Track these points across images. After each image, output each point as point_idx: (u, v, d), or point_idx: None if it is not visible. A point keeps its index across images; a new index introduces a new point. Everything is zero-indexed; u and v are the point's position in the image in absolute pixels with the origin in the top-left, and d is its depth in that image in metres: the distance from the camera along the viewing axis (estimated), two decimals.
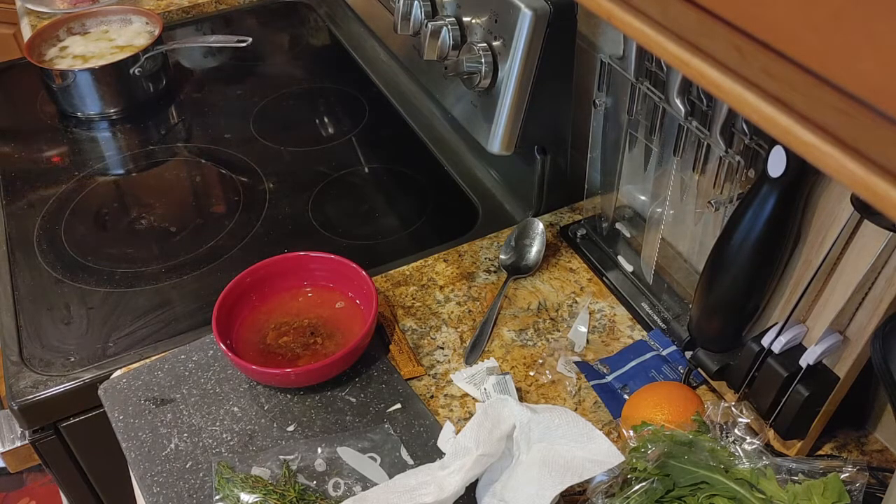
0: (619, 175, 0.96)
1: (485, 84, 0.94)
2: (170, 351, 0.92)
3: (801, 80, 0.32)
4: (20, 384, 0.93)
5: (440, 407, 0.86)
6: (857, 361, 0.72)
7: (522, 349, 0.92)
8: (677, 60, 0.40)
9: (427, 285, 1.00)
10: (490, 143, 0.96)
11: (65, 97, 1.38)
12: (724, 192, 0.79)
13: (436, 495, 0.70)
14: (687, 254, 0.92)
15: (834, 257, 0.70)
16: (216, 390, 0.88)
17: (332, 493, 0.78)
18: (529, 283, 1.00)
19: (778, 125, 0.35)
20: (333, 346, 0.90)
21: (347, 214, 1.18)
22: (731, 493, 0.66)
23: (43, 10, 1.57)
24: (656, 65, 0.83)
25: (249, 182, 1.24)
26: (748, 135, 0.75)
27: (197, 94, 1.49)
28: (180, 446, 0.82)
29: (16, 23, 1.88)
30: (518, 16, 0.88)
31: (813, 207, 0.72)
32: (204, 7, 1.68)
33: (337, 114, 1.42)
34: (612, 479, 0.71)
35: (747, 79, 0.36)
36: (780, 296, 0.78)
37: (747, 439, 0.70)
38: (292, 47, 1.65)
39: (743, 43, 0.35)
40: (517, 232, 1.04)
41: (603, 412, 0.86)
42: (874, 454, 0.81)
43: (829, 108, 0.32)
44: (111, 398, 0.88)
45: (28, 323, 1.01)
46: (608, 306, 0.97)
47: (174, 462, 0.81)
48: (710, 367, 0.83)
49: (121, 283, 1.07)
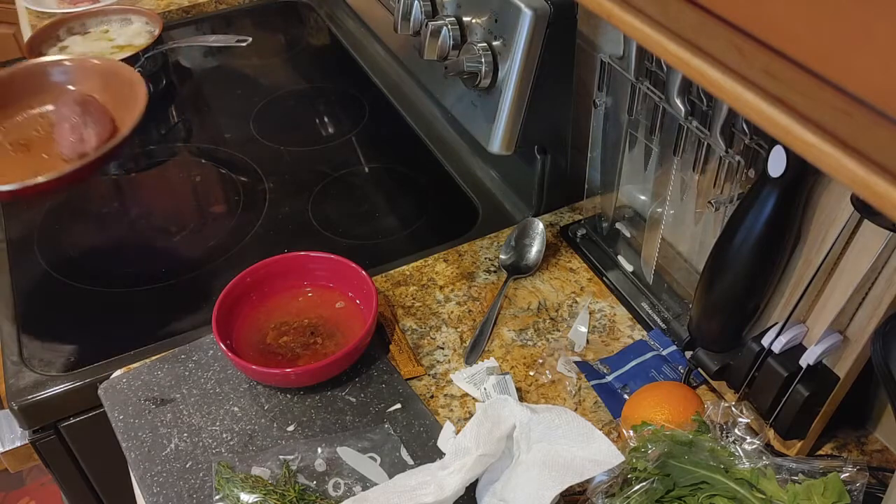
0: (619, 175, 0.96)
1: (485, 84, 0.94)
2: (170, 351, 0.92)
3: (801, 79, 0.32)
4: (20, 384, 0.93)
5: (440, 407, 0.86)
6: (857, 361, 0.72)
7: (522, 349, 0.92)
8: (677, 60, 0.40)
9: (427, 285, 1.00)
10: (490, 143, 0.96)
11: None
12: (724, 192, 0.79)
13: (436, 495, 0.70)
14: (687, 254, 0.92)
15: (834, 257, 0.70)
16: (216, 390, 0.88)
17: (332, 493, 0.78)
18: (529, 282, 1.00)
19: (778, 125, 0.35)
20: (333, 346, 0.90)
21: (347, 214, 1.18)
22: (732, 493, 0.66)
23: (43, 10, 1.57)
24: (656, 64, 0.83)
25: (249, 182, 1.24)
26: (748, 135, 0.75)
27: (197, 94, 1.49)
28: (180, 446, 0.82)
29: (16, 23, 1.88)
30: (518, 16, 0.88)
31: (813, 207, 0.72)
32: (204, 7, 1.68)
33: (337, 114, 1.42)
34: (612, 479, 0.71)
35: (747, 78, 0.36)
36: (780, 296, 0.78)
37: (747, 439, 0.70)
38: (292, 47, 1.65)
39: (743, 43, 0.35)
40: (517, 232, 1.04)
41: (603, 412, 0.86)
42: (874, 454, 0.81)
43: (829, 108, 0.32)
44: (111, 398, 0.88)
45: (28, 323, 1.01)
46: (608, 306, 0.97)
47: (174, 462, 0.81)
48: (710, 367, 0.83)
49: (121, 282, 1.07)
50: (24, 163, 1.10)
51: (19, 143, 1.12)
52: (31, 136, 1.14)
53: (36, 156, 1.11)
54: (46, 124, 1.15)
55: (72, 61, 1.20)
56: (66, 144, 1.08)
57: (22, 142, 1.12)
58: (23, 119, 1.15)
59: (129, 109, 1.10)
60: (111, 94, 1.15)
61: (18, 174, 1.02)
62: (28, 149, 1.12)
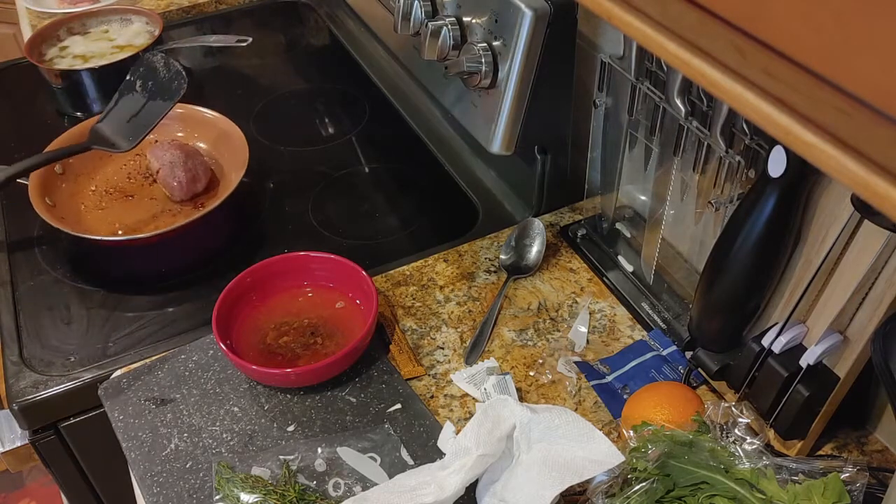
0: (619, 175, 0.96)
1: (485, 84, 0.94)
2: (170, 351, 0.92)
3: (801, 80, 0.32)
4: (20, 384, 0.93)
5: (440, 407, 0.86)
6: (858, 361, 0.72)
7: (522, 349, 0.92)
8: (677, 60, 0.39)
9: (427, 285, 1.00)
10: (490, 143, 0.96)
11: (65, 97, 1.38)
12: (724, 192, 0.79)
13: (436, 495, 0.70)
14: (687, 254, 0.92)
15: (834, 257, 0.70)
16: (216, 390, 0.88)
17: (332, 494, 0.78)
18: (529, 283, 1.00)
19: (778, 125, 0.35)
20: (333, 346, 0.90)
21: (347, 214, 1.18)
22: (732, 494, 0.66)
23: (43, 10, 1.57)
24: (656, 65, 0.83)
25: (249, 182, 1.24)
26: (748, 135, 0.75)
27: (197, 94, 1.49)
28: (180, 446, 0.82)
29: (16, 23, 1.88)
30: (518, 16, 0.88)
31: (813, 207, 0.72)
32: (204, 7, 1.68)
33: (337, 114, 1.42)
34: (612, 479, 0.71)
35: (747, 79, 0.36)
36: (780, 296, 0.78)
37: (747, 439, 0.70)
38: (292, 47, 1.65)
39: (743, 43, 0.35)
40: (517, 232, 1.04)
41: (603, 412, 0.86)
42: (874, 454, 0.81)
43: (829, 108, 0.32)
44: (111, 398, 0.88)
45: (28, 323, 1.01)
46: (608, 306, 0.97)
47: (174, 462, 0.81)
48: (711, 367, 0.83)
49: (121, 282, 1.07)
50: (137, 208, 1.15)
51: (121, 192, 1.16)
52: (128, 184, 1.18)
53: (143, 201, 1.16)
54: (136, 171, 1.19)
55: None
56: (177, 186, 1.12)
57: (123, 190, 1.16)
58: (113, 169, 1.18)
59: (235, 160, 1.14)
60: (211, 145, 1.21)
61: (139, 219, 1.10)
62: (132, 196, 1.16)
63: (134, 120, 0.95)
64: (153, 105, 0.94)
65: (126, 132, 0.96)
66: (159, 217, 1.12)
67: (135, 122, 0.95)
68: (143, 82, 0.94)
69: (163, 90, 0.92)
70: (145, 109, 0.95)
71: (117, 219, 1.12)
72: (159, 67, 0.90)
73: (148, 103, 0.92)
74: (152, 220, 1.12)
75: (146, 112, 0.96)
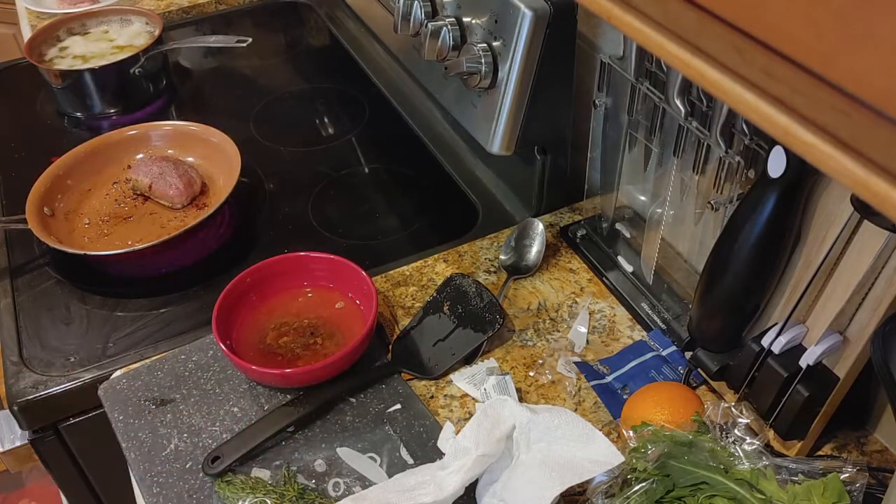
0: (619, 175, 0.96)
1: (485, 84, 0.94)
2: (170, 351, 0.92)
3: (801, 80, 0.32)
4: (20, 384, 0.93)
5: (440, 407, 0.86)
6: (857, 361, 0.72)
7: (522, 349, 0.92)
8: (677, 60, 0.40)
9: (427, 285, 1.00)
10: (490, 143, 0.96)
11: (65, 97, 1.38)
12: (724, 193, 0.79)
13: (435, 495, 0.70)
14: (687, 254, 0.92)
15: (834, 257, 0.70)
16: (216, 390, 0.88)
17: (331, 493, 0.78)
18: (529, 283, 1.00)
19: (777, 125, 0.35)
20: (333, 346, 0.90)
21: (347, 214, 1.18)
22: (731, 494, 0.66)
23: (43, 10, 1.57)
24: (656, 65, 0.83)
25: (249, 182, 1.24)
26: (748, 135, 0.75)
27: (197, 94, 1.49)
28: (180, 446, 0.82)
29: (16, 23, 1.88)
30: (518, 16, 0.88)
31: (813, 207, 0.72)
32: (204, 7, 1.68)
33: (337, 114, 1.42)
34: (612, 480, 0.71)
35: (747, 79, 0.36)
36: (780, 296, 0.78)
37: (747, 439, 0.70)
38: (292, 47, 1.65)
39: (743, 43, 0.35)
40: (517, 232, 1.04)
41: (603, 412, 0.86)
42: (874, 454, 0.81)
43: (829, 108, 0.32)
44: (111, 398, 0.88)
45: (28, 323, 1.01)
46: (608, 306, 0.97)
47: (174, 462, 0.81)
48: (710, 368, 0.83)
49: (121, 282, 1.07)
50: (141, 226, 1.14)
51: (117, 217, 1.16)
52: (120, 209, 1.17)
53: (144, 218, 1.16)
54: (123, 195, 1.19)
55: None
56: (175, 193, 1.13)
57: (118, 215, 1.16)
58: (98, 201, 1.18)
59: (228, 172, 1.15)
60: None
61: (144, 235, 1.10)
62: (129, 217, 1.16)
63: (440, 345, 0.90)
64: (462, 334, 0.89)
65: (432, 357, 0.90)
66: (167, 227, 1.12)
67: (440, 347, 0.90)
68: (452, 305, 0.90)
69: (475, 320, 0.89)
70: (453, 336, 0.90)
71: (129, 237, 1.11)
72: (471, 294, 0.88)
73: (456, 330, 0.89)
74: (161, 230, 1.12)
75: (453, 339, 0.90)
